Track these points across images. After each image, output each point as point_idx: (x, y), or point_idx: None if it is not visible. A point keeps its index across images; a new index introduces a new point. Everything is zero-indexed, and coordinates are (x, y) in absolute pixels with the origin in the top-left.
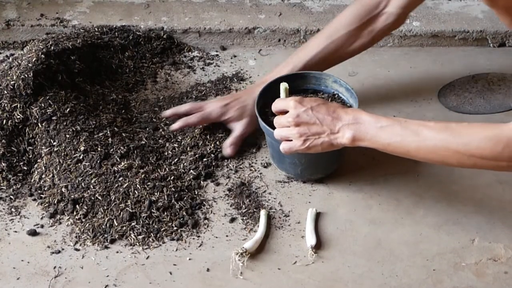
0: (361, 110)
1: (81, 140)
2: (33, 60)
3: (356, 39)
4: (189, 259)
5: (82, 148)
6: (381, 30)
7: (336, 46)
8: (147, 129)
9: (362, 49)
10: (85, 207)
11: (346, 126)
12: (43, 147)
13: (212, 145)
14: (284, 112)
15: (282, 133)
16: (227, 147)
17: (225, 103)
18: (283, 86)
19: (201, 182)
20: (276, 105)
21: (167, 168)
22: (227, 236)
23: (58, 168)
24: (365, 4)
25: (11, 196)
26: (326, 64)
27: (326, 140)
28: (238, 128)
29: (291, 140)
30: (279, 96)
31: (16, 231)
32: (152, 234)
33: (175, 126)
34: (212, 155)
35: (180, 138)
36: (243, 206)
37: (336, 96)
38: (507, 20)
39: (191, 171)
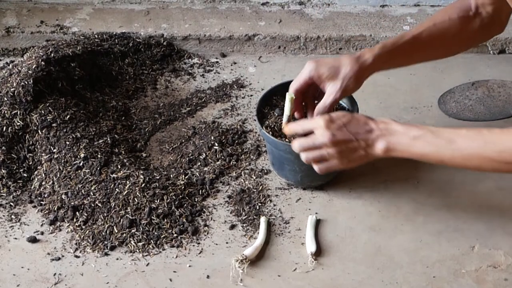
0: (392, 120)
1: (81, 147)
2: (33, 67)
3: (457, 30)
4: (189, 266)
5: (82, 155)
6: (479, 29)
7: (440, 30)
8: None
9: (463, 44)
10: (85, 214)
11: (379, 137)
12: (43, 154)
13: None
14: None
15: (316, 155)
16: (318, 114)
17: (315, 61)
18: (289, 96)
19: (202, 189)
20: (303, 126)
21: (169, 175)
22: (227, 243)
23: (58, 175)
24: (461, 4)
25: (11, 203)
26: (430, 46)
27: (363, 153)
28: (330, 90)
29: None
30: (278, 104)
31: (16, 238)
32: (152, 241)
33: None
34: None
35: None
36: (243, 213)
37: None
38: None
39: (194, 177)
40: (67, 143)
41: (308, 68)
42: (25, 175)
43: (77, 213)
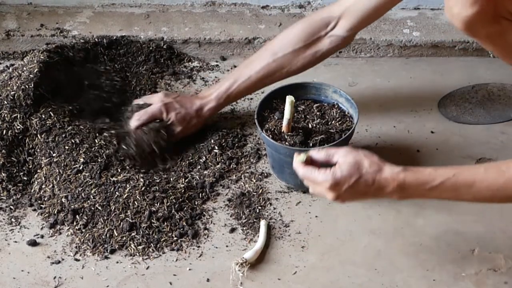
0: (400, 170)
1: (80, 151)
2: (35, 71)
3: (300, 59)
4: (189, 269)
5: (81, 160)
6: (327, 51)
7: (280, 64)
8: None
9: (305, 68)
10: (85, 217)
11: (392, 193)
12: (43, 158)
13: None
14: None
15: (321, 195)
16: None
17: (166, 102)
18: (289, 99)
19: (202, 192)
20: (309, 181)
21: (169, 179)
22: (227, 246)
23: (58, 179)
24: (313, 24)
25: (11, 206)
26: (268, 81)
27: (371, 198)
28: (175, 131)
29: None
30: (279, 107)
31: (16, 241)
32: (152, 244)
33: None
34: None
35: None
36: (243, 216)
37: (336, 106)
38: (489, 48)
39: (194, 181)
40: (67, 147)
41: (157, 109)
42: (25, 178)
43: (77, 216)
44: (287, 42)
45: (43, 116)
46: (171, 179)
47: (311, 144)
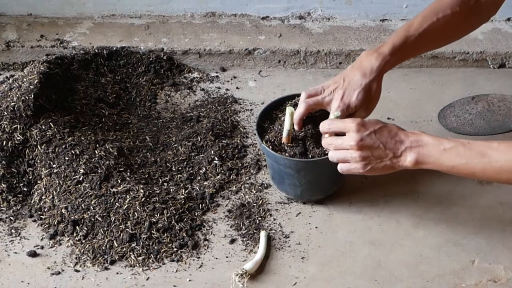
0: (422, 132)
1: (80, 162)
2: (35, 82)
3: (459, 21)
4: (189, 280)
5: (81, 171)
6: (478, 16)
7: (443, 24)
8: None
9: (463, 34)
10: (85, 228)
11: (409, 149)
12: (43, 169)
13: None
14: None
15: (340, 155)
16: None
17: (327, 86)
18: (289, 110)
19: (202, 203)
20: (333, 126)
21: (170, 189)
22: (227, 257)
23: (58, 189)
24: None
25: (11, 217)
26: (434, 41)
27: (388, 163)
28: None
29: (349, 161)
30: (279, 118)
31: (16, 252)
32: (152, 255)
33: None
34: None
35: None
36: (243, 227)
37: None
38: None
39: (194, 191)
40: (67, 158)
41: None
42: (25, 189)
43: (77, 227)
44: (445, 3)
45: (43, 127)
46: (171, 190)
47: (310, 156)
